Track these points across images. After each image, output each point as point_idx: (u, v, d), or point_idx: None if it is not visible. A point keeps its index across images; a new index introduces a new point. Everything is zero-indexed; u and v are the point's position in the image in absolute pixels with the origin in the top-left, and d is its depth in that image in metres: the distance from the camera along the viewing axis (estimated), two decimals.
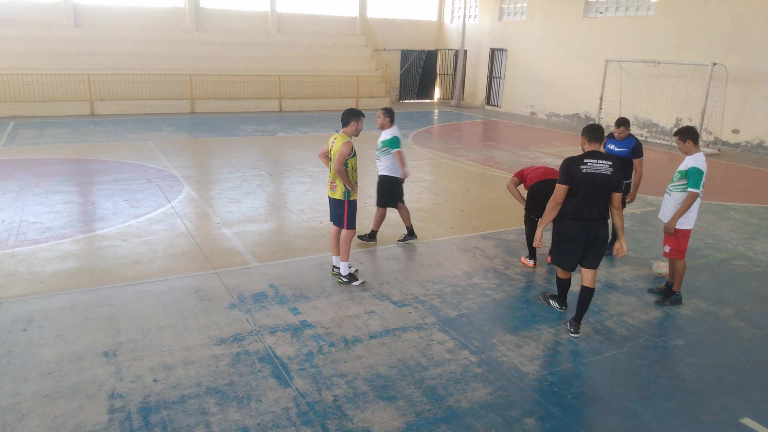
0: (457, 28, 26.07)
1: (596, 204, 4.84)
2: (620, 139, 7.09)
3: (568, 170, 4.83)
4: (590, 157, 4.83)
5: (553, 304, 5.67)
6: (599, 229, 4.93)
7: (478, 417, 3.97)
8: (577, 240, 4.94)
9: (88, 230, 7.61)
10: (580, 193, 4.81)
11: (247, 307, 5.52)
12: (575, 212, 4.87)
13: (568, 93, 20.90)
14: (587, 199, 4.82)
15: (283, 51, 23.10)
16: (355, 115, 5.99)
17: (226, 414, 3.92)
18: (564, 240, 5.03)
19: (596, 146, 4.91)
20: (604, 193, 4.84)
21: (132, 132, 15.69)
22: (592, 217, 4.86)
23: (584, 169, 4.79)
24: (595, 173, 4.78)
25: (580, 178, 4.79)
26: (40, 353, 4.60)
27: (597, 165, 4.79)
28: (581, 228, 4.90)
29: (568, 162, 4.88)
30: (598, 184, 4.79)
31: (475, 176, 11.66)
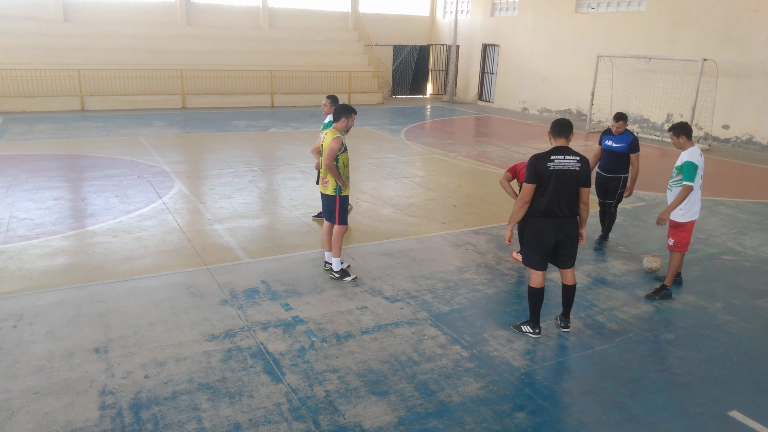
0: (449, 23, 26.05)
1: (565, 200, 4.74)
2: (617, 134, 7.10)
3: (535, 168, 4.72)
4: (557, 154, 4.72)
5: (525, 330, 5.09)
6: (570, 226, 4.84)
7: (469, 411, 3.99)
8: (548, 238, 4.83)
9: (78, 226, 7.57)
10: (549, 190, 4.70)
11: (239, 303, 5.52)
12: (546, 210, 4.76)
13: (560, 88, 20.96)
14: (556, 195, 4.71)
15: (275, 46, 23.00)
16: (346, 111, 5.93)
17: (217, 410, 3.92)
18: (535, 238, 4.89)
19: (562, 141, 4.79)
20: (573, 189, 4.75)
21: (123, 127, 15.59)
22: (563, 214, 4.77)
23: (551, 166, 4.68)
24: (563, 170, 4.68)
25: (548, 175, 4.68)
26: (31, 350, 4.57)
27: (564, 161, 4.69)
28: (552, 225, 4.80)
29: (535, 159, 4.76)
30: (566, 181, 4.69)
31: (468, 172, 11.68)
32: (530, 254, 4.95)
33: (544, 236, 4.83)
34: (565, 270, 5.00)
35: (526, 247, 5.00)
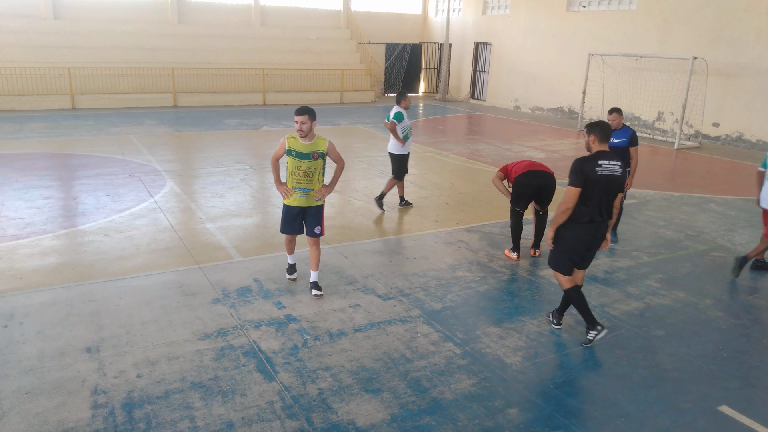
0: (441, 21, 26.07)
1: (606, 206, 4.65)
2: (615, 128, 7.22)
3: (583, 172, 4.52)
4: (603, 158, 4.57)
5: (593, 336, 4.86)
6: (603, 229, 4.77)
7: (461, 408, 4.01)
8: (584, 243, 4.73)
9: (69, 225, 7.53)
10: (595, 195, 4.56)
11: (231, 301, 5.51)
12: (587, 215, 4.61)
13: (552, 87, 21.03)
14: (600, 201, 4.59)
15: (267, 44, 22.93)
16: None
17: (210, 408, 3.92)
18: (571, 244, 4.73)
19: (605, 146, 4.66)
20: (614, 194, 4.66)
21: (114, 126, 15.50)
22: (602, 219, 4.68)
23: (600, 171, 4.53)
24: (608, 175, 4.56)
25: (596, 180, 4.52)
26: (21, 350, 4.55)
27: (610, 166, 4.57)
28: (590, 230, 4.68)
29: (581, 163, 4.56)
30: (609, 186, 4.58)
31: (460, 170, 11.71)
32: (562, 260, 4.81)
33: (580, 242, 4.72)
34: (579, 271, 4.95)
35: (558, 252, 4.82)
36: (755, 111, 15.03)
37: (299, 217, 5.59)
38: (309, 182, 5.39)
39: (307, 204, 5.49)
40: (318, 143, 5.37)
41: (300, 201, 5.46)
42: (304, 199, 5.45)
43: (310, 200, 5.47)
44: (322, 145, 5.39)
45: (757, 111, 14.97)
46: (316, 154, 5.33)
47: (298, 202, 5.47)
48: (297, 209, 5.53)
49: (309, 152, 5.32)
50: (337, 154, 5.53)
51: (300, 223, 5.63)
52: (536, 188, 6.64)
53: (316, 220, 5.57)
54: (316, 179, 5.42)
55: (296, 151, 5.33)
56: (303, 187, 5.40)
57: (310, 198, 5.46)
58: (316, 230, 5.58)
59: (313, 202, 5.50)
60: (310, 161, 5.34)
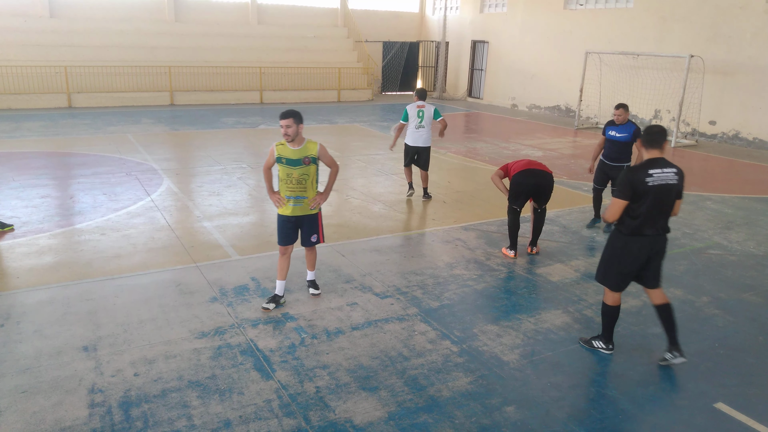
0: (438, 20, 26.06)
1: (661, 217, 4.31)
2: (620, 123, 7.47)
3: (631, 183, 4.22)
4: (654, 167, 4.25)
5: (597, 345, 4.80)
6: (661, 243, 4.40)
7: (459, 406, 4.01)
8: (636, 258, 4.39)
9: (66, 224, 7.51)
10: (646, 207, 4.23)
11: (229, 300, 5.51)
12: (638, 228, 4.30)
13: (549, 85, 21.04)
14: (653, 213, 4.26)
15: (264, 42, 22.90)
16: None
17: (207, 407, 3.91)
18: (620, 259, 4.43)
19: (657, 152, 4.31)
20: (670, 204, 4.31)
21: (111, 125, 15.47)
22: (657, 232, 4.33)
23: (650, 181, 4.21)
24: (662, 184, 4.22)
25: (645, 192, 4.21)
26: (18, 349, 4.54)
27: (663, 175, 4.23)
28: (642, 244, 4.35)
29: (630, 173, 4.26)
30: (664, 196, 4.24)
31: (457, 168, 11.71)
32: (610, 274, 4.52)
33: (632, 257, 4.39)
34: (653, 290, 4.55)
35: (606, 265, 4.55)
36: (752, 109, 15.06)
37: (295, 227, 5.31)
38: (302, 190, 5.12)
39: (302, 213, 5.22)
40: (308, 147, 5.08)
41: (294, 210, 5.19)
42: (298, 207, 5.19)
43: (305, 209, 5.21)
44: (313, 149, 5.09)
45: (754, 109, 15.01)
46: (307, 159, 5.05)
47: (292, 211, 5.19)
48: (292, 219, 5.25)
49: (299, 158, 5.03)
50: (329, 157, 5.23)
51: (295, 233, 5.35)
52: (533, 186, 6.65)
53: (312, 229, 5.35)
54: (309, 186, 5.14)
55: (286, 158, 5.05)
56: (297, 195, 5.14)
57: (305, 206, 5.19)
58: (313, 239, 5.38)
59: (308, 211, 5.24)
60: (302, 167, 5.05)
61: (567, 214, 8.61)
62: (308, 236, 5.37)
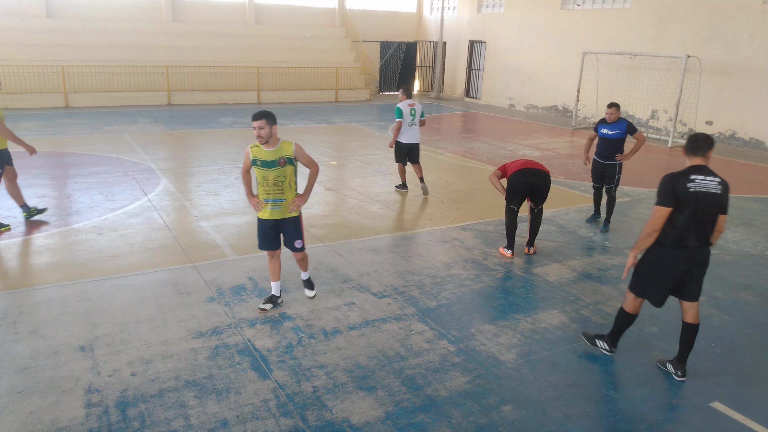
0: (436, 20, 26.07)
1: (702, 228, 4.10)
2: (612, 121, 7.65)
3: (673, 189, 4.04)
4: (696, 173, 4.06)
5: (600, 345, 4.73)
6: (702, 256, 4.20)
7: (456, 405, 4.02)
8: (674, 270, 4.19)
9: (63, 224, 7.50)
10: (685, 215, 4.05)
11: (226, 300, 5.50)
12: (677, 238, 4.12)
13: (547, 85, 21.07)
14: (693, 222, 4.07)
15: (261, 42, 22.88)
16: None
17: (205, 407, 3.91)
18: (659, 270, 4.24)
19: (700, 160, 4.11)
20: (712, 215, 4.10)
21: (108, 124, 15.44)
22: (698, 244, 4.13)
23: (692, 187, 4.02)
24: (704, 192, 4.03)
25: (687, 199, 4.02)
26: (15, 349, 4.53)
27: (705, 182, 4.04)
28: (681, 256, 4.16)
29: (671, 179, 4.08)
30: (706, 205, 4.05)
31: (455, 168, 11.72)
32: (647, 286, 4.34)
33: (669, 269, 4.21)
34: (690, 304, 4.34)
35: (642, 277, 4.35)
36: (748, 109, 15.10)
37: (275, 231, 5.13)
38: (279, 192, 4.93)
39: (281, 216, 5.03)
40: (283, 148, 4.87)
41: (273, 213, 5.01)
42: (277, 211, 5.00)
43: (284, 212, 5.01)
44: (288, 149, 4.88)
45: (751, 109, 15.05)
46: (282, 160, 4.85)
47: (271, 214, 5.01)
48: (271, 222, 5.06)
49: (274, 159, 4.84)
50: (307, 157, 5.00)
51: (277, 238, 5.16)
52: (530, 186, 6.66)
53: (295, 234, 5.13)
54: (287, 188, 4.94)
55: (261, 160, 4.86)
56: (274, 197, 4.95)
57: (284, 209, 5.00)
58: (297, 244, 5.16)
59: (288, 214, 5.03)
60: (277, 169, 4.86)
61: (564, 214, 8.63)
62: (292, 241, 5.16)
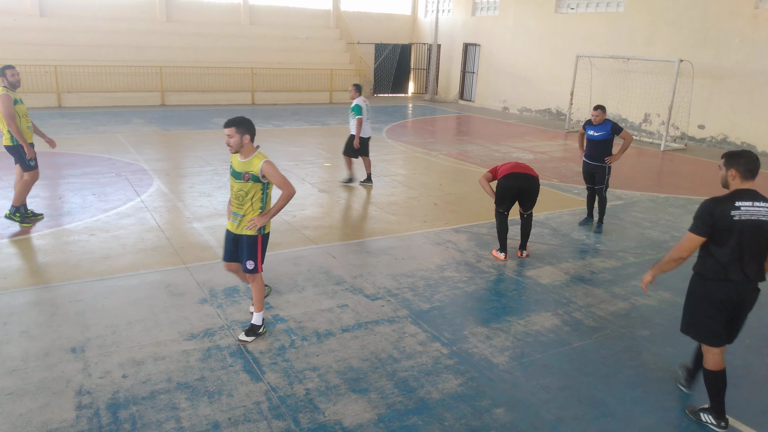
0: (430, 22, 26.12)
1: (753, 261, 3.65)
2: (597, 123, 7.80)
3: (711, 216, 3.61)
4: (743, 199, 3.61)
5: (706, 420, 3.95)
6: (750, 292, 3.74)
7: (448, 408, 4.02)
8: (722, 307, 3.75)
9: (55, 225, 7.45)
10: (730, 246, 3.61)
11: (219, 301, 5.48)
12: (722, 271, 3.68)
13: (541, 88, 21.15)
14: (741, 254, 3.63)
15: (255, 43, 22.84)
16: None
17: (196, 409, 3.90)
18: (704, 307, 3.78)
19: (750, 184, 3.67)
20: (763, 245, 3.65)
21: (101, 124, 15.37)
22: (745, 278, 3.67)
23: (736, 215, 3.58)
24: (752, 220, 3.58)
25: (730, 228, 3.59)
26: (5, 350, 4.50)
27: (753, 209, 3.59)
28: (728, 292, 3.70)
29: (711, 205, 3.64)
30: (755, 234, 3.60)
31: (449, 170, 11.73)
32: (703, 327, 3.84)
33: (715, 306, 3.76)
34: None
35: (690, 316, 3.91)
36: (740, 113, 15.21)
37: (233, 244, 4.75)
38: (239, 206, 4.59)
39: (237, 231, 4.66)
40: (252, 162, 4.50)
41: (231, 226, 4.71)
42: (234, 224, 4.67)
43: (240, 228, 4.64)
44: (255, 165, 4.48)
45: (742, 113, 15.16)
46: (246, 175, 4.48)
47: (230, 226, 4.73)
48: (230, 235, 4.74)
49: (240, 172, 4.52)
50: (279, 178, 4.53)
51: (234, 252, 4.77)
52: (518, 190, 6.66)
53: (248, 253, 4.65)
54: (248, 205, 4.56)
55: (232, 168, 4.62)
56: (234, 210, 4.65)
57: (240, 225, 4.63)
58: (248, 265, 4.66)
59: (244, 231, 4.62)
60: (240, 183, 4.52)
61: (557, 217, 8.66)
62: (244, 260, 4.69)
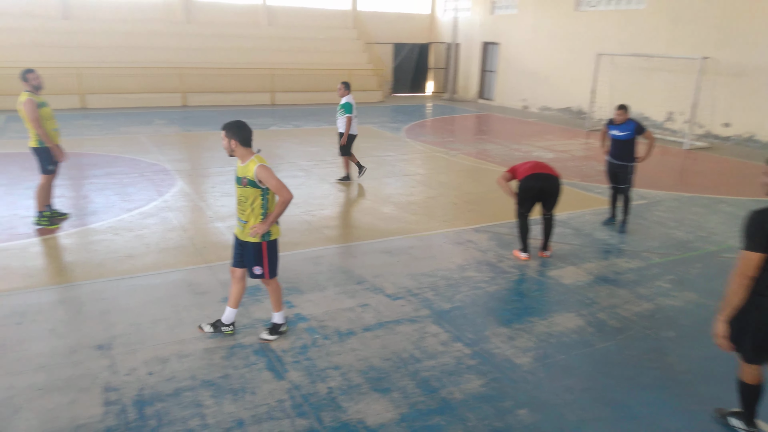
0: (449, 21, 26.04)
1: None
2: (620, 123, 7.74)
3: (763, 230, 3.32)
4: None
5: (735, 424, 3.88)
6: None
7: (471, 408, 4.01)
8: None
9: (80, 224, 7.58)
10: None
11: (241, 300, 5.52)
12: None
13: (561, 86, 20.95)
14: None
15: (274, 44, 22.98)
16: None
17: (221, 406, 3.93)
18: (755, 323, 3.51)
19: None
20: None
21: (123, 126, 15.59)
22: None
23: None
24: None
25: None
26: (34, 347, 4.59)
27: None
28: None
29: (759, 218, 3.35)
30: None
31: (468, 170, 11.69)
32: (747, 345, 3.60)
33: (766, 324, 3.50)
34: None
35: (738, 330, 3.62)
36: (766, 111, 14.91)
37: (240, 249, 4.71)
38: (242, 212, 4.56)
39: (242, 237, 4.63)
40: (248, 167, 4.44)
41: (237, 231, 4.69)
42: (239, 230, 4.66)
43: (244, 233, 4.61)
44: (251, 169, 4.41)
45: None
46: (244, 180, 4.45)
47: (237, 231, 4.71)
48: (238, 240, 4.71)
49: (239, 177, 4.51)
50: (274, 183, 4.41)
51: (240, 257, 4.73)
52: (539, 191, 6.59)
53: (254, 259, 4.64)
54: (249, 211, 4.51)
55: (235, 173, 4.60)
56: (238, 216, 4.62)
57: (245, 231, 4.60)
58: (255, 270, 4.66)
59: (248, 237, 4.58)
60: (240, 188, 4.51)
61: (579, 216, 8.57)
62: (250, 266, 4.70)
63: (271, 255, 4.68)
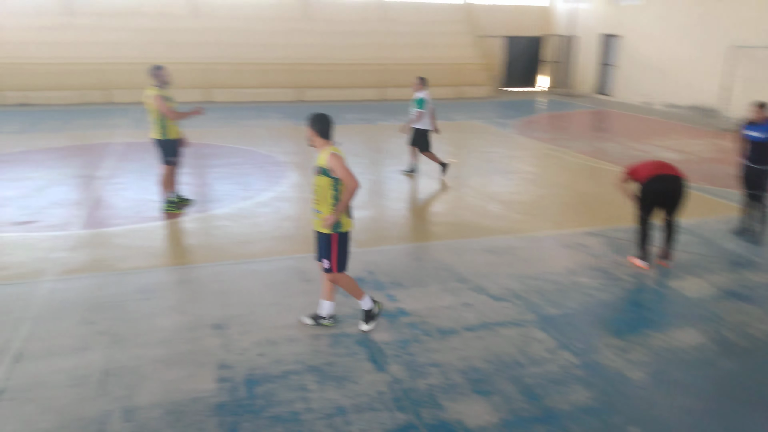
0: (567, 12, 24.96)
1: None
2: (758, 123, 7.05)
3: None
4: None
5: None
6: None
7: (577, 420, 3.82)
8: None
9: (202, 210, 8.13)
10: None
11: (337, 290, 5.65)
12: None
13: (688, 82, 19.36)
14: None
15: (386, 39, 23.24)
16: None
17: (324, 392, 4.06)
18: None
19: None
20: None
21: (243, 119, 16.51)
22: None
23: None
24: None
25: None
26: (158, 322, 4.99)
27: None
28: None
29: None
30: None
31: (582, 169, 11.15)
32: None
33: None
34: None
35: None
36: None
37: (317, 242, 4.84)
38: (317, 202, 4.67)
39: (316, 227, 4.75)
40: (322, 156, 4.62)
41: (313, 222, 4.80)
42: (315, 221, 4.76)
43: (318, 224, 4.73)
44: (323, 158, 4.59)
45: None
46: (319, 169, 4.63)
47: (313, 222, 4.83)
48: (314, 231, 4.85)
49: (315, 167, 4.67)
50: (342, 171, 4.55)
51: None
52: (662, 194, 6.12)
53: (324, 251, 4.73)
54: (323, 200, 4.62)
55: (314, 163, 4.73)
56: (314, 206, 4.74)
57: (318, 221, 4.72)
58: (324, 263, 4.75)
59: (321, 228, 4.70)
60: (316, 177, 4.66)
61: (706, 224, 7.88)
62: (320, 257, 4.81)
63: (341, 248, 4.72)
